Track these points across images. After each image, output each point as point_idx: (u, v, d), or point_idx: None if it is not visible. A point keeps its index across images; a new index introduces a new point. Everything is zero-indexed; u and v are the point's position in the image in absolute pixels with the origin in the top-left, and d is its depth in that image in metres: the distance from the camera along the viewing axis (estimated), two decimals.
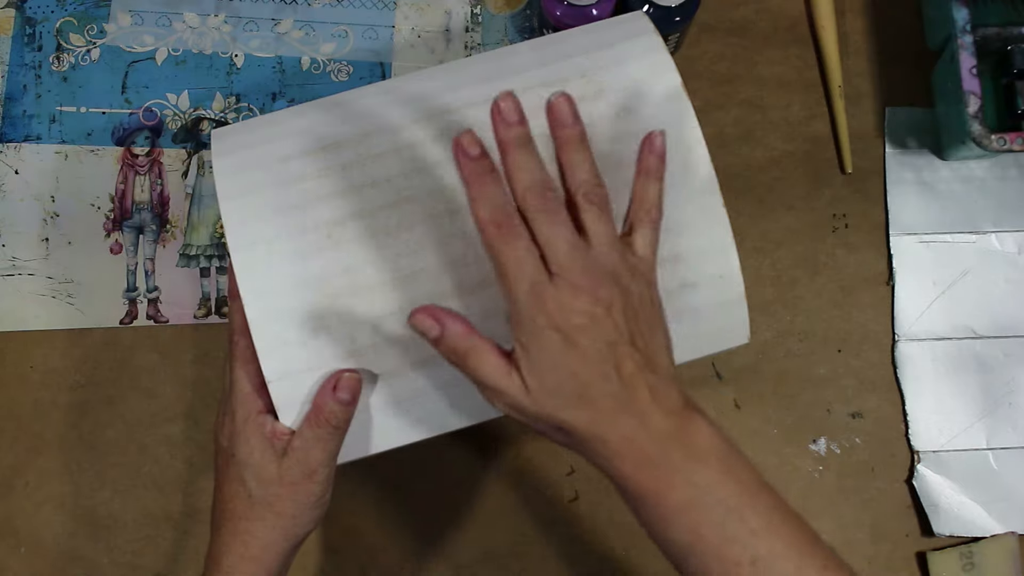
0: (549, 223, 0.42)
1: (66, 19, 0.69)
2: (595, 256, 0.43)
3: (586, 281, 0.42)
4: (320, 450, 0.47)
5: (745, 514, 0.42)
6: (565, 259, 0.42)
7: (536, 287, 0.42)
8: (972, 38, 0.61)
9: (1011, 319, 0.66)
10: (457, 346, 0.44)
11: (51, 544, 0.62)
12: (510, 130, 0.43)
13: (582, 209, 0.43)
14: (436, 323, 0.44)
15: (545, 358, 0.42)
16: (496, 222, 0.42)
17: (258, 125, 0.52)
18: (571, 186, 0.44)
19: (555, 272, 0.42)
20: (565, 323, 0.42)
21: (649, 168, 0.46)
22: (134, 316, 0.65)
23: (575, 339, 0.42)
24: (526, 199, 0.42)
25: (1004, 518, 0.63)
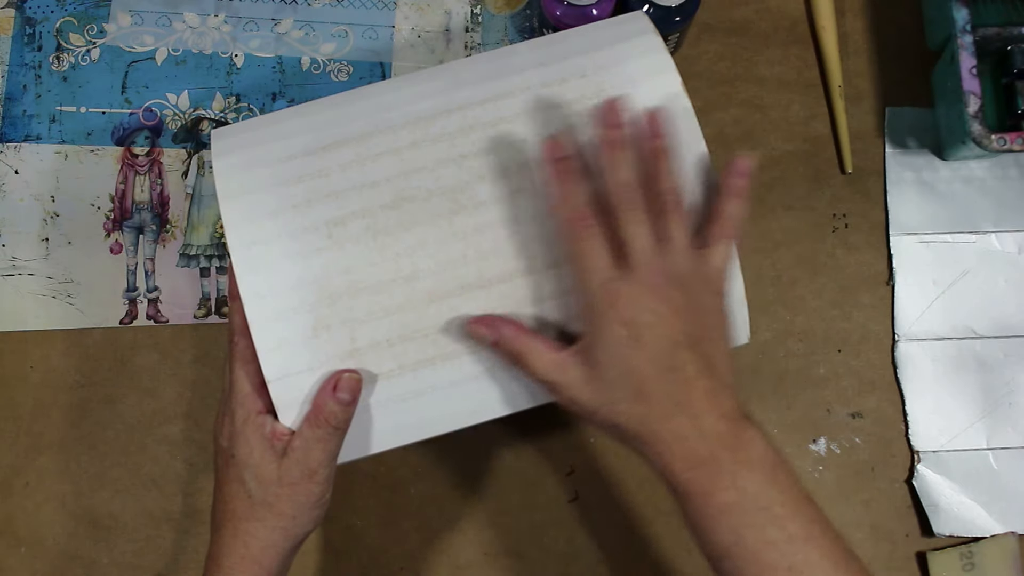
0: (633, 221, 0.45)
1: (66, 19, 0.69)
2: (670, 260, 0.45)
3: (658, 281, 0.44)
4: (320, 450, 0.47)
5: (786, 522, 0.43)
6: (642, 257, 0.44)
7: (610, 282, 0.44)
8: (972, 38, 0.61)
9: (1011, 319, 0.66)
10: (512, 348, 0.46)
11: (51, 544, 0.62)
12: (611, 131, 0.46)
13: (663, 215, 0.45)
14: (490, 330, 0.46)
15: (610, 350, 0.44)
16: (576, 218, 0.45)
17: (258, 125, 0.52)
18: (655, 192, 0.46)
19: (631, 269, 0.44)
20: (633, 319, 0.43)
21: (735, 188, 0.48)
22: (134, 316, 0.65)
23: (641, 335, 0.43)
24: (618, 194, 0.45)
25: (1004, 518, 0.63)
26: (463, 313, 0.48)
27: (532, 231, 0.49)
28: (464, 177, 0.49)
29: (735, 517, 0.43)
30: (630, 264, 0.44)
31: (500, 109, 0.50)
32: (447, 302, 0.48)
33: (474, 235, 0.48)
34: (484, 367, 0.49)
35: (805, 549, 0.42)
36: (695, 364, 0.44)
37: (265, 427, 0.48)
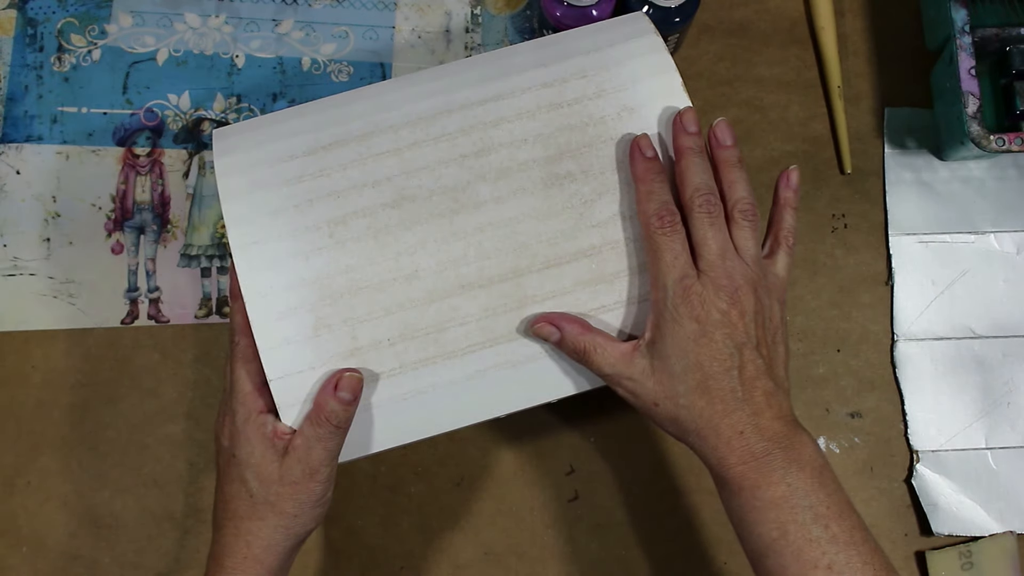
0: (708, 224, 0.47)
1: (67, 20, 0.69)
2: (740, 265, 0.47)
3: (729, 284, 0.46)
4: (321, 449, 0.47)
5: (830, 523, 0.44)
6: (716, 259, 0.47)
7: (685, 279, 0.46)
8: (971, 39, 0.62)
9: (1010, 319, 0.66)
10: (577, 344, 0.48)
11: (52, 544, 0.62)
12: (689, 138, 0.48)
13: (736, 224, 0.48)
14: (554, 327, 0.48)
15: (679, 344, 0.46)
16: (660, 215, 0.47)
17: (259, 125, 0.52)
18: (729, 201, 0.48)
19: (703, 270, 0.47)
20: (704, 316, 0.46)
21: (786, 200, 0.51)
22: (135, 316, 0.65)
23: (710, 332, 0.46)
24: (694, 199, 0.47)
25: (1003, 517, 0.63)
26: (463, 312, 0.48)
27: (533, 230, 0.49)
28: (465, 176, 0.49)
29: (782, 512, 0.44)
30: (703, 266, 0.47)
31: (501, 109, 0.50)
32: (448, 301, 0.48)
33: (475, 234, 0.48)
34: (484, 366, 0.49)
35: (846, 551, 0.44)
36: (756, 365, 0.46)
37: (266, 426, 0.48)
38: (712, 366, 0.46)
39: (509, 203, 0.49)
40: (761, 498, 0.45)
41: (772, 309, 0.48)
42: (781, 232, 0.51)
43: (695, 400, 0.46)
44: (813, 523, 0.44)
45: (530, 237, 0.49)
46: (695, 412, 0.46)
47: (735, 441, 0.45)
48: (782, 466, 0.45)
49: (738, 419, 0.45)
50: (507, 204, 0.49)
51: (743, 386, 0.46)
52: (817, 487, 0.45)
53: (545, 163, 0.49)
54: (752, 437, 0.45)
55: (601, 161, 0.49)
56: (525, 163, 0.49)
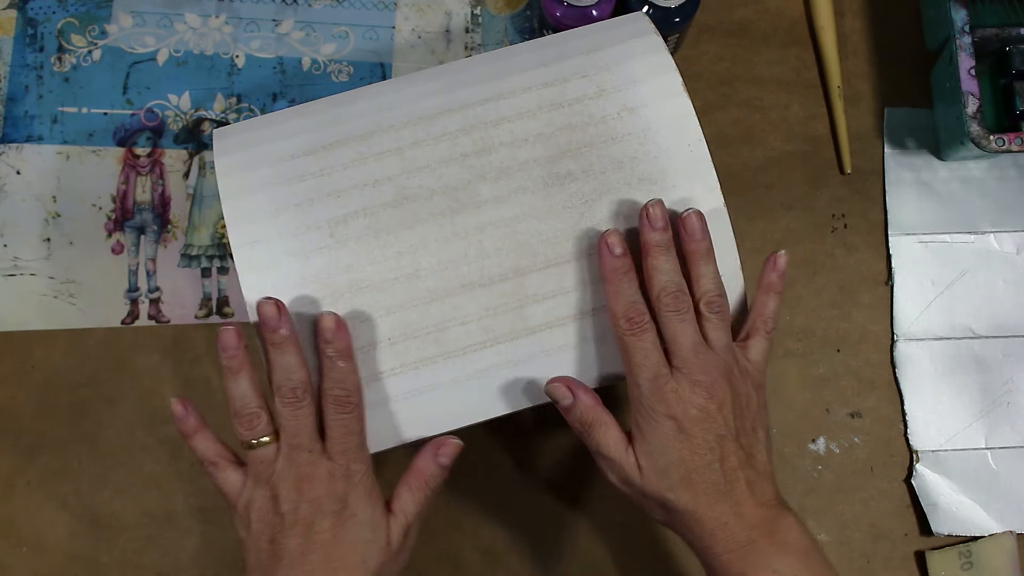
0: (678, 321, 0.47)
1: (67, 20, 0.69)
2: (713, 357, 0.47)
3: (704, 378, 0.46)
4: (414, 511, 0.49)
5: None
6: (688, 355, 0.47)
7: (659, 378, 0.47)
8: (971, 39, 0.62)
9: (1009, 319, 0.66)
10: (585, 417, 0.48)
11: (52, 544, 0.62)
12: (657, 235, 0.48)
13: (704, 318, 0.48)
14: (570, 393, 0.48)
15: (659, 442, 0.47)
16: (628, 317, 0.47)
17: (260, 124, 0.52)
18: (697, 295, 0.48)
19: (677, 366, 0.47)
20: (681, 413, 0.46)
21: (771, 285, 0.52)
22: (135, 316, 0.65)
23: (688, 429, 0.46)
24: (661, 298, 0.47)
25: (1002, 517, 0.63)
26: (464, 312, 0.48)
27: (533, 229, 0.49)
28: (466, 176, 0.49)
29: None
30: (677, 362, 0.47)
31: (501, 108, 0.50)
32: (448, 300, 0.48)
33: (476, 234, 0.48)
34: (485, 366, 0.49)
35: None
36: (737, 455, 0.47)
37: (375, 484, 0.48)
38: (694, 461, 0.46)
39: (510, 202, 0.49)
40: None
41: (749, 396, 0.48)
42: (760, 317, 0.51)
43: (680, 494, 0.46)
44: None
45: (531, 236, 0.49)
46: (680, 504, 0.46)
47: (719, 532, 0.46)
48: (767, 552, 0.45)
49: (721, 510, 0.46)
50: (508, 203, 0.49)
51: (725, 478, 0.46)
52: (803, 570, 0.45)
53: (546, 163, 0.49)
54: (735, 527, 0.46)
55: (602, 161, 0.49)
56: (526, 162, 0.49)
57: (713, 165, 0.50)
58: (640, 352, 0.47)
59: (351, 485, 0.47)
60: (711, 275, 0.49)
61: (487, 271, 0.48)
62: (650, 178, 0.50)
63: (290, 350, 0.47)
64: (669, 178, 0.50)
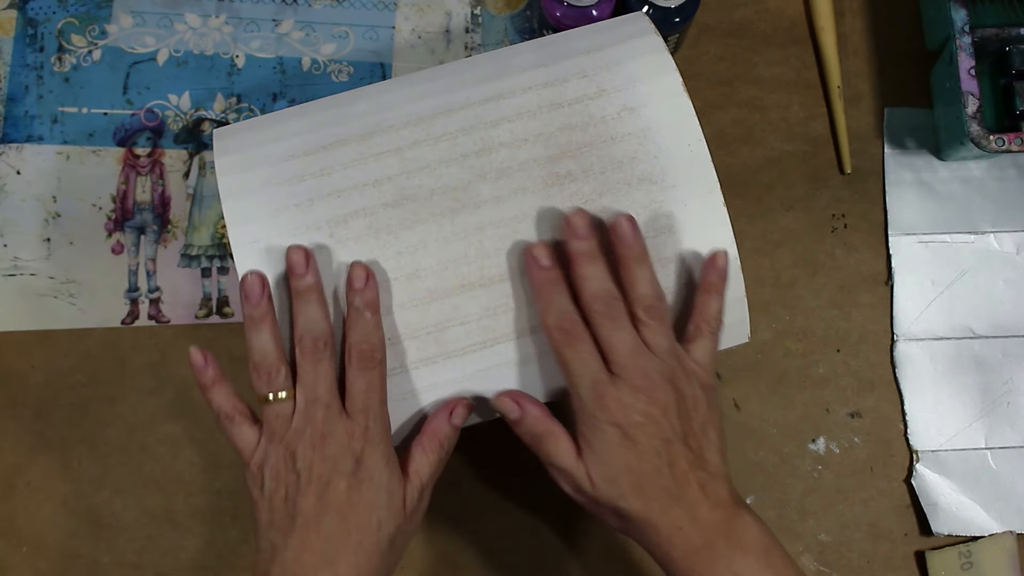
0: (612, 328, 0.46)
1: (68, 20, 0.69)
2: (654, 361, 0.46)
3: (645, 383, 0.46)
4: (428, 472, 0.48)
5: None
6: (626, 361, 0.46)
7: (598, 386, 0.46)
8: (971, 39, 0.62)
9: (1009, 319, 0.66)
10: (534, 429, 0.48)
11: (52, 543, 0.62)
12: (581, 243, 0.47)
13: (642, 323, 0.47)
14: (517, 407, 0.48)
15: (604, 450, 0.46)
16: (561, 327, 0.46)
17: (260, 124, 0.52)
18: (632, 300, 0.47)
19: (616, 373, 0.46)
20: (624, 420, 0.45)
21: (711, 285, 0.49)
22: (135, 316, 0.65)
23: (633, 435, 0.45)
24: (592, 306, 0.47)
25: (1002, 517, 0.63)
26: (464, 312, 0.48)
27: (533, 229, 0.49)
28: (466, 176, 0.49)
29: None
30: (616, 369, 0.46)
31: (501, 108, 0.50)
32: (448, 300, 0.48)
33: (476, 234, 0.48)
34: (485, 366, 0.49)
35: None
36: (686, 457, 0.46)
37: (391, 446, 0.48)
38: (641, 467, 0.45)
39: (510, 202, 0.49)
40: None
41: (696, 398, 0.47)
42: (703, 318, 0.49)
43: (631, 501, 0.46)
44: None
45: (531, 236, 0.49)
46: (633, 512, 0.46)
47: (675, 537, 0.45)
48: (725, 555, 0.45)
49: (675, 515, 0.45)
50: (508, 203, 0.49)
51: (675, 482, 0.45)
52: (764, 568, 0.45)
53: (546, 163, 0.49)
54: (691, 531, 0.45)
55: (602, 161, 0.49)
56: (526, 162, 0.49)
57: (713, 165, 0.50)
58: (577, 361, 0.46)
59: (369, 445, 0.46)
60: (646, 279, 0.47)
61: (487, 271, 0.48)
62: (650, 178, 0.50)
63: (315, 300, 0.46)
64: (669, 178, 0.50)
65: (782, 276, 0.67)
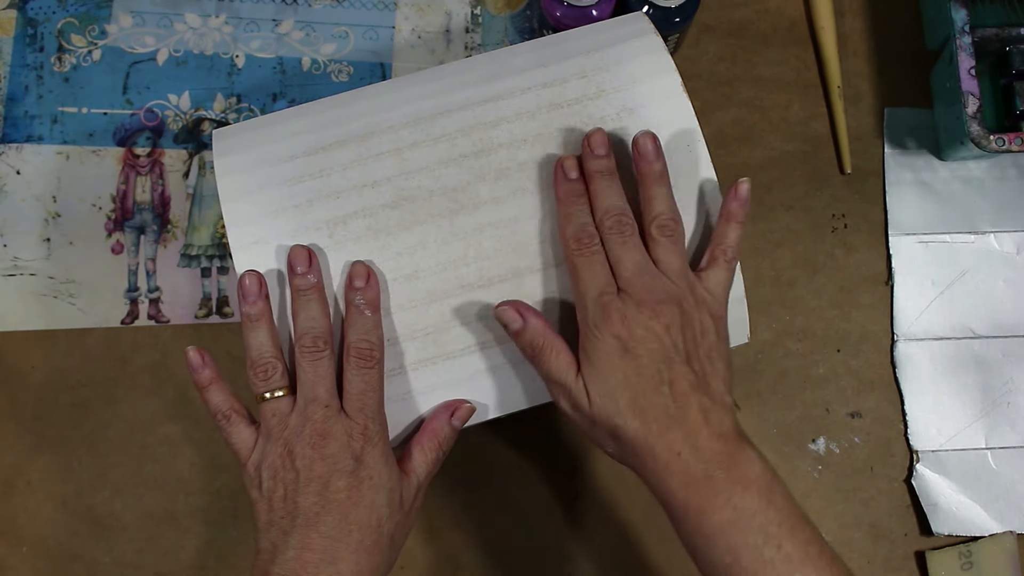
0: (621, 244, 0.47)
1: (67, 20, 0.69)
2: (661, 279, 0.46)
3: (649, 298, 0.45)
4: (425, 472, 0.48)
5: (783, 542, 0.43)
6: (632, 276, 0.46)
7: (603, 297, 0.46)
8: (971, 39, 0.62)
9: (1009, 319, 0.66)
10: (535, 340, 0.47)
11: (52, 543, 0.62)
12: (597, 161, 0.48)
13: (654, 240, 0.47)
14: (519, 316, 0.47)
15: (604, 363, 0.45)
16: (577, 238, 0.47)
17: (259, 125, 0.52)
18: (648, 217, 0.47)
19: (623, 288, 0.46)
20: (626, 333, 0.45)
21: (731, 213, 0.49)
22: (135, 316, 0.65)
23: (633, 349, 0.45)
24: (603, 221, 0.47)
25: (1003, 517, 0.63)
26: (464, 312, 0.48)
27: (532, 230, 0.49)
28: (465, 177, 0.49)
29: (731, 536, 0.43)
30: (622, 284, 0.46)
31: (501, 109, 0.50)
32: (447, 301, 0.48)
33: (475, 234, 0.48)
34: (485, 367, 0.49)
35: (802, 568, 0.42)
36: (688, 379, 0.45)
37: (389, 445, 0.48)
38: (640, 383, 0.44)
39: (508, 203, 0.49)
40: (708, 524, 0.43)
41: (704, 324, 0.46)
42: (720, 246, 0.49)
43: (629, 420, 0.44)
44: (764, 544, 0.42)
45: (530, 237, 0.49)
46: (630, 433, 0.44)
47: (673, 463, 0.44)
48: (726, 488, 0.43)
49: (674, 438, 0.44)
50: (507, 204, 0.49)
51: (675, 402, 0.44)
52: (766, 506, 0.43)
53: (545, 163, 0.49)
54: (690, 459, 0.43)
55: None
56: (525, 163, 0.49)
57: (713, 165, 0.50)
58: (587, 272, 0.46)
59: (368, 444, 0.46)
60: (664, 197, 0.48)
61: (486, 272, 0.48)
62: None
63: (316, 299, 0.47)
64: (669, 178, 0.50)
65: (782, 276, 0.67)
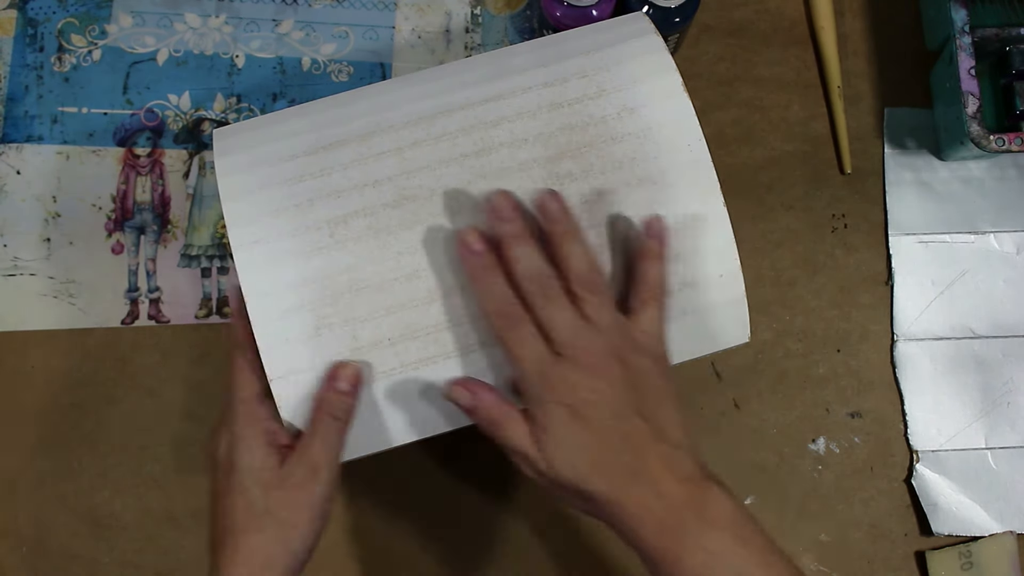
0: (548, 306, 0.45)
1: (68, 20, 0.69)
2: (597, 336, 0.45)
3: (589, 359, 0.45)
4: (320, 444, 0.47)
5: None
6: (567, 339, 0.45)
7: (542, 366, 0.45)
8: (971, 39, 0.62)
9: (1009, 319, 0.66)
10: (489, 415, 0.46)
11: (52, 543, 0.62)
12: (505, 225, 0.46)
13: (580, 299, 0.46)
14: (469, 393, 0.46)
15: (558, 430, 0.44)
16: (500, 312, 0.45)
17: (260, 125, 0.52)
18: (568, 277, 0.46)
19: (559, 352, 0.45)
20: (572, 398, 0.44)
21: (650, 251, 0.48)
22: (135, 316, 0.65)
23: (583, 413, 0.44)
24: (525, 286, 0.45)
25: (1002, 517, 0.63)
26: (464, 312, 0.48)
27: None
28: (465, 176, 0.49)
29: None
30: (557, 348, 0.45)
31: (501, 109, 0.50)
32: (448, 301, 0.48)
33: None
34: (485, 365, 0.49)
35: None
36: (642, 432, 0.44)
37: (269, 431, 0.48)
38: (597, 444, 0.44)
39: None
40: (682, 569, 0.43)
41: (646, 369, 0.46)
42: (647, 287, 0.47)
43: (593, 482, 0.44)
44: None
45: None
46: (597, 493, 0.44)
47: (643, 515, 0.43)
48: (696, 530, 0.43)
49: (640, 493, 0.44)
50: None
51: (635, 457, 0.44)
52: (737, 545, 0.43)
53: (545, 163, 0.49)
54: (658, 508, 0.43)
55: (602, 161, 0.49)
56: (525, 163, 0.49)
57: (713, 165, 0.50)
58: (519, 345, 0.45)
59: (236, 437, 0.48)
60: (579, 254, 0.46)
61: None
62: (650, 178, 0.50)
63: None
64: (669, 178, 0.50)
65: (782, 276, 0.67)
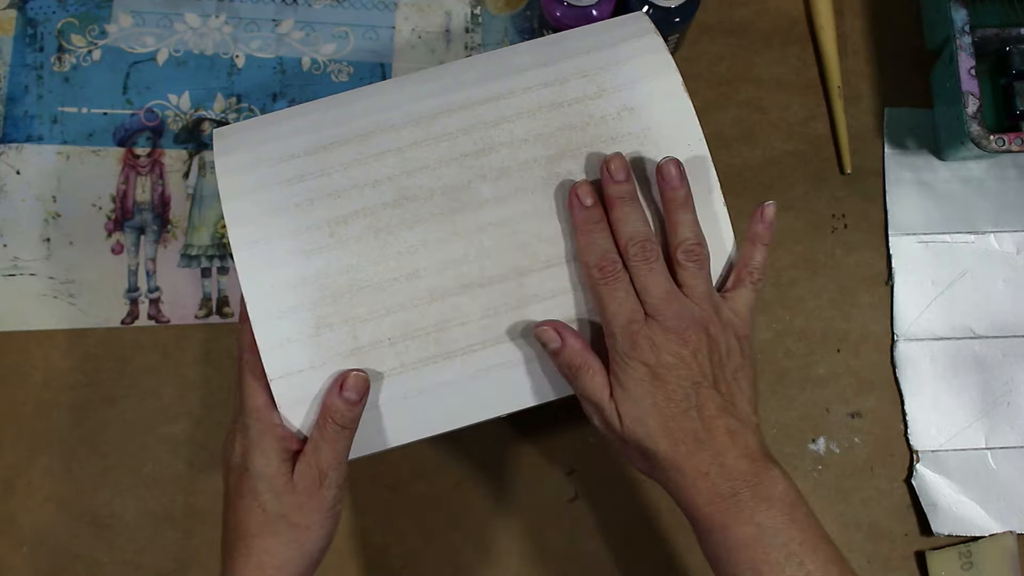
0: (647, 271, 0.47)
1: (67, 20, 0.69)
2: (688, 305, 0.47)
3: (676, 324, 0.46)
4: (328, 450, 0.47)
5: (804, 560, 0.44)
6: (659, 303, 0.47)
7: (631, 325, 0.46)
8: (971, 39, 0.62)
9: (1009, 319, 0.66)
10: (573, 360, 0.48)
11: (52, 543, 0.62)
12: (618, 187, 0.48)
13: (681, 265, 0.48)
14: (558, 337, 0.48)
15: (634, 389, 0.46)
16: (600, 266, 0.47)
17: (260, 124, 0.52)
18: (674, 242, 0.48)
19: (650, 314, 0.47)
20: (654, 360, 0.46)
21: (757, 235, 0.51)
22: (135, 316, 0.65)
23: (662, 375, 0.46)
24: (628, 248, 0.47)
25: (1002, 517, 0.63)
26: (464, 311, 0.48)
27: (534, 229, 0.49)
28: (466, 176, 0.49)
29: (754, 552, 0.44)
30: (649, 310, 0.47)
31: (502, 108, 0.50)
32: (448, 300, 0.48)
33: (476, 234, 0.48)
34: (485, 366, 0.49)
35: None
36: (716, 402, 0.46)
37: (281, 437, 0.48)
38: (670, 408, 0.46)
39: (510, 202, 0.49)
40: (731, 539, 0.44)
41: (730, 346, 0.48)
42: (746, 268, 0.50)
43: (659, 442, 0.46)
44: (786, 561, 0.44)
45: (531, 236, 0.49)
46: (660, 454, 0.46)
47: (700, 482, 0.45)
48: (750, 505, 0.45)
49: (702, 460, 0.45)
50: (508, 203, 0.49)
51: (703, 425, 0.46)
52: (789, 523, 0.44)
53: (546, 162, 0.49)
54: (717, 478, 0.45)
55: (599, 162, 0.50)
56: (526, 162, 0.49)
57: (713, 165, 0.50)
58: (613, 300, 0.47)
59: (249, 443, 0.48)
60: (689, 223, 0.48)
61: (487, 271, 0.48)
62: (650, 178, 0.50)
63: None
64: None
65: (782, 276, 0.67)
